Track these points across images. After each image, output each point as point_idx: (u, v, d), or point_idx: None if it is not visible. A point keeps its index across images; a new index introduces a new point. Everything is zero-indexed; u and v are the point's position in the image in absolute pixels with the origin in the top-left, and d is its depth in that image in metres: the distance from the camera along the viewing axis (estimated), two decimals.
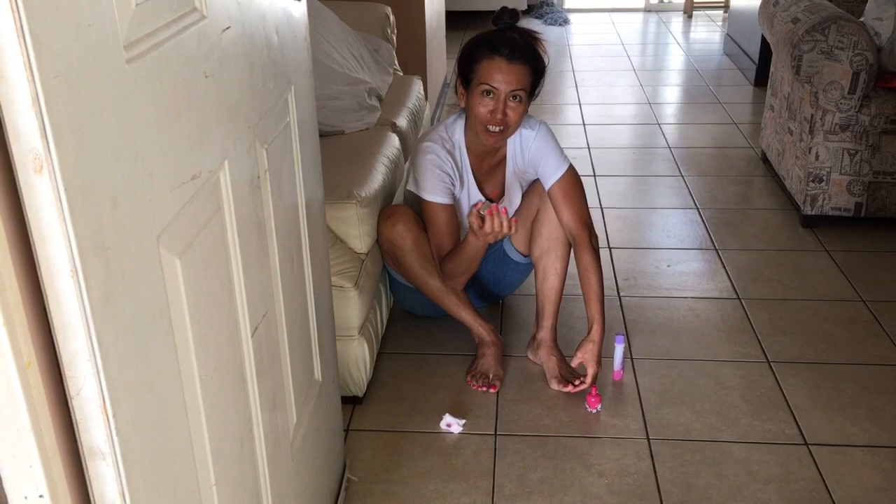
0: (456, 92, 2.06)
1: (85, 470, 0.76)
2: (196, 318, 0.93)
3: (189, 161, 0.92)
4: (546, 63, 2.04)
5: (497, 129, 1.99)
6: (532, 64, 1.99)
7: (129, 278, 0.78)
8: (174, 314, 0.88)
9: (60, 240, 0.68)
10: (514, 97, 1.97)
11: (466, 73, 2.01)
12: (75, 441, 0.76)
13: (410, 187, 2.13)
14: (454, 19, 5.87)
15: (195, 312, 0.93)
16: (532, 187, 2.18)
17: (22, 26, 0.61)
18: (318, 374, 1.56)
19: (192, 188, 0.92)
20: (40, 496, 0.70)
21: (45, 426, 0.71)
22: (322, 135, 2.43)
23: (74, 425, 0.74)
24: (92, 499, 0.77)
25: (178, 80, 0.88)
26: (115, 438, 0.75)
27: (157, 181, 0.83)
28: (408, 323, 2.44)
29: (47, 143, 0.65)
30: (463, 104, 2.05)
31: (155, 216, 0.83)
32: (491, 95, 1.96)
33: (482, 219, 1.93)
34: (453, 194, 2.10)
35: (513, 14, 2.01)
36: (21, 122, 0.64)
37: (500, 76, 1.95)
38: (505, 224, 1.93)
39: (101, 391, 0.73)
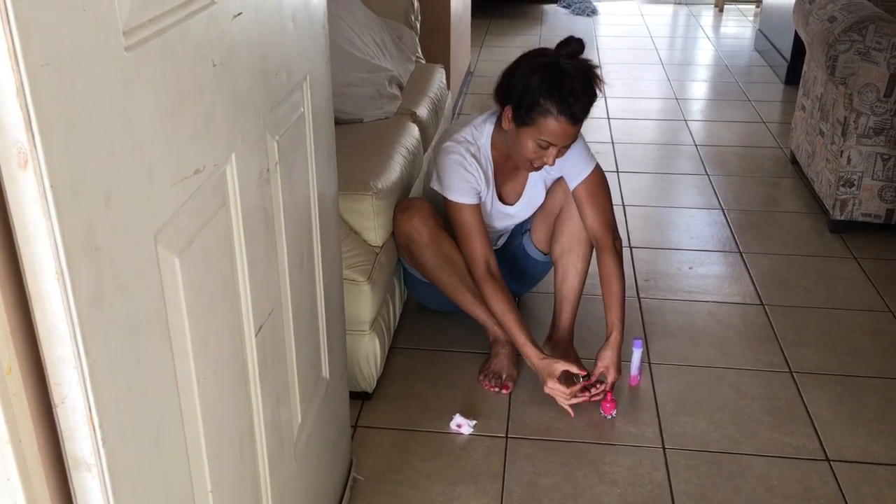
0: (500, 108, 1.93)
1: (70, 482, 0.72)
2: (195, 319, 0.89)
3: (193, 154, 0.87)
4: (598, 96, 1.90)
5: (541, 166, 1.95)
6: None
7: (122, 279, 0.73)
8: (171, 316, 0.84)
9: (46, 239, 0.63)
10: (566, 146, 1.91)
11: (525, 112, 1.85)
12: (61, 452, 0.72)
13: (434, 186, 2.04)
14: (481, 6, 5.78)
15: (194, 313, 0.88)
16: (556, 184, 2.12)
17: (7, 11, 0.57)
18: (325, 372, 1.52)
19: (195, 183, 0.88)
20: None
21: (27, 436, 0.67)
22: (340, 123, 2.39)
23: (59, 435, 0.70)
24: None
25: (183, 69, 0.83)
26: (102, 449, 0.71)
27: (156, 176, 0.78)
28: (421, 317, 2.39)
29: (33, 136, 0.60)
30: (507, 127, 1.92)
31: (153, 213, 0.79)
32: (547, 148, 1.89)
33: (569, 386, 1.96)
34: (479, 195, 2.04)
35: (579, 45, 1.84)
36: (5, 114, 0.59)
37: (563, 138, 1.86)
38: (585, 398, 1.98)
39: (88, 399, 0.69)
